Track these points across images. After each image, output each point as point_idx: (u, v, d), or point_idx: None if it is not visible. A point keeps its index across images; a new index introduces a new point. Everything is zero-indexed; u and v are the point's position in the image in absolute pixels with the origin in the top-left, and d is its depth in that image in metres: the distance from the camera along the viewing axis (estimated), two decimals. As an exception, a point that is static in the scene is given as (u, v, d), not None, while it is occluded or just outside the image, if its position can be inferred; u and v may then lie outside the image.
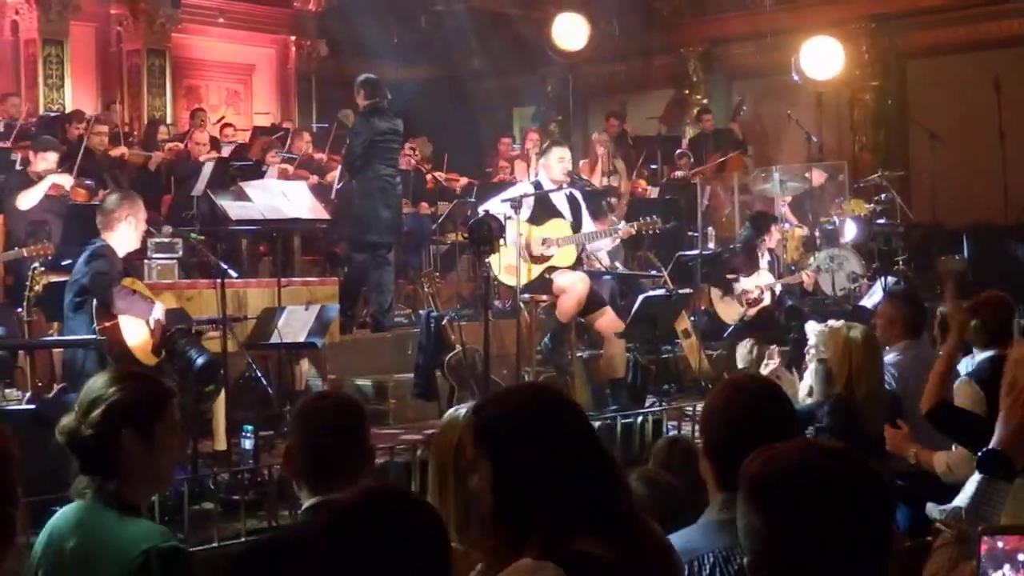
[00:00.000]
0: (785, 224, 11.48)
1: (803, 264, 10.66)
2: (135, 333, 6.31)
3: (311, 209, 9.02)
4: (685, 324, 8.90)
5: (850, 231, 11.51)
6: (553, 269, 7.68)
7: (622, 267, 10.25)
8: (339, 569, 1.69)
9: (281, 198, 8.79)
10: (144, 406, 2.65)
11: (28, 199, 8.57)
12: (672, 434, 6.81)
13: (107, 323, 6.22)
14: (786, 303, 9.43)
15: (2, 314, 7.46)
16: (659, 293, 8.66)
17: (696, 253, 10.39)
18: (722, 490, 2.63)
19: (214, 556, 4.93)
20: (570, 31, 13.10)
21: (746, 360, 6.96)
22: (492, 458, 2.28)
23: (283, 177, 10.68)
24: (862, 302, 10.26)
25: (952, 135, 12.61)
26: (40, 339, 6.80)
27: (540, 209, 7.70)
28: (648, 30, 14.99)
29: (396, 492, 1.90)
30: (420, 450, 5.79)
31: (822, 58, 12.82)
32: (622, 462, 3.67)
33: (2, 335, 6.84)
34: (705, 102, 15.05)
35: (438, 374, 7.58)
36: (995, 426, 3.57)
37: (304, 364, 7.78)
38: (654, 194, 12.77)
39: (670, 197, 12.43)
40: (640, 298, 8.15)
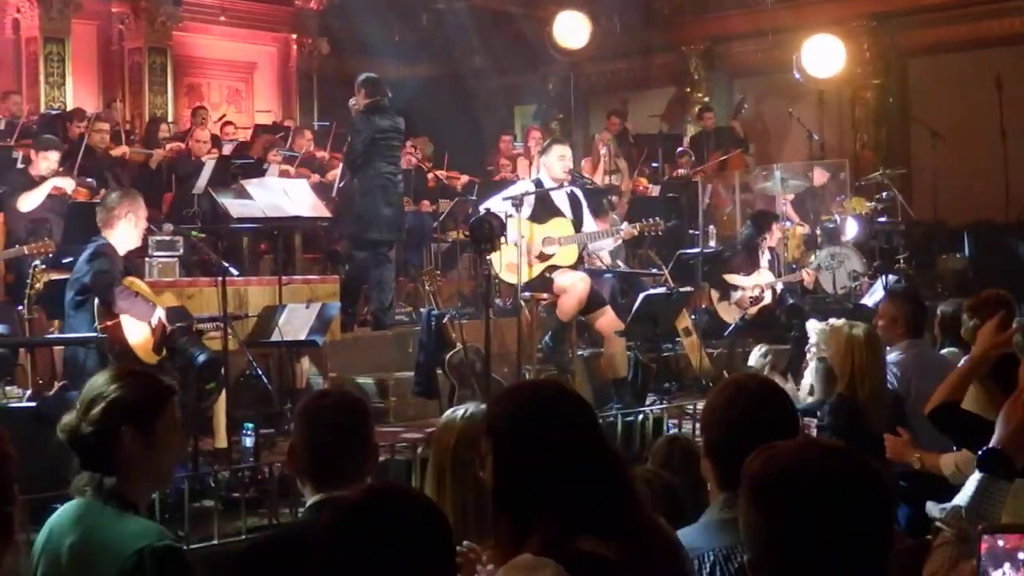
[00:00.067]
0: (787, 222, 11.47)
1: (804, 262, 10.66)
2: (136, 331, 6.31)
3: (312, 207, 9.02)
4: (686, 322, 8.89)
5: (851, 229, 11.50)
6: (554, 268, 7.67)
7: (623, 265, 10.24)
8: (343, 566, 1.69)
9: (282, 196, 8.79)
10: (144, 404, 2.65)
11: (29, 202, 8.55)
12: (672, 432, 6.80)
13: (109, 322, 6.22)
14: (787, 301, 9.43)
15: (3, 312, 7.46)
16: (660, 291, 8.66)
17: (697, 251, 10.39)
18: (723, 489, 2.63)
19: (215, 553, 4.93)
20: (571, 29, 13.09)
21: (759, 364, 6.94)
22: (495, 453, 2.29)
23: (284, 176, 10.66)
24: (863, 300, 10.25)
25: (953, 133, 12.60)
26: (41, 337, 6.82)
27: (541, 207, 7.69)
28: (649, 28, 14.97)
29: (399, 489, 1.90)
30: (421, 448, 5.79)
31: (823, 56, 12.80)
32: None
33: (3, 333, 6.83)
34: (707, 100, 15.03)
35: (439, 372, 7.58)
36: (995, 427, 3.57)
37: (305, 362, 7.78)
38: (655, 192, 12.76)
39: (671, 195, 12.42)
40: (641, 296, 8.15)
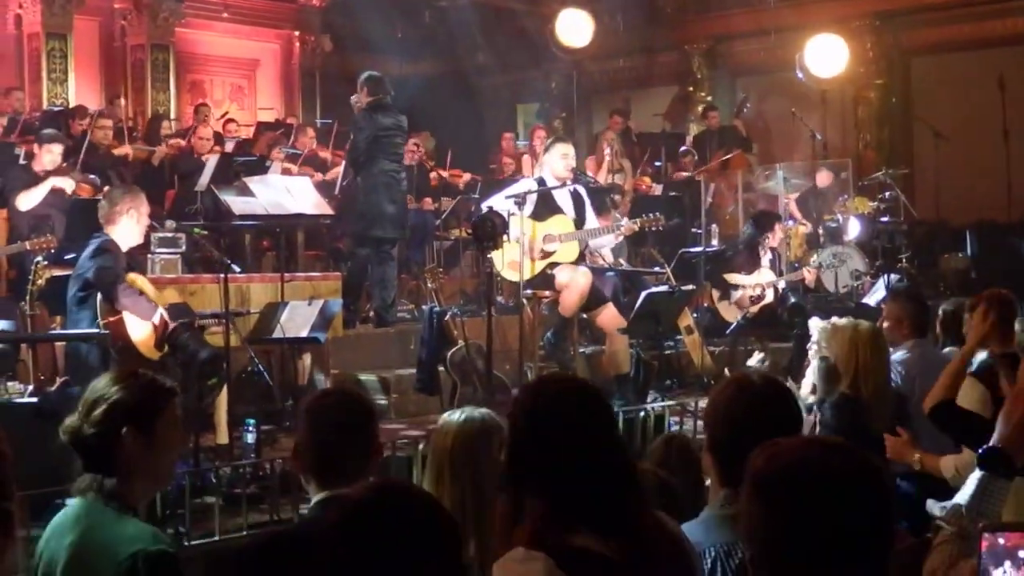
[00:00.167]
0: (789, 221, 11.47)
1: (806, 261, 10.65)
2: (139, 327, 6.31)
3: (315, 205, 9.02)
4: (688, 320, 8.89)
5: (854, 229, 11.49)
6: (555, 265, 7.67)
7: (626, 264, 10.24)
8: (349, 563, 1.69)
9: (285, 194, 8.79)
10: (146, 405, 2.65)
11: (28, 200, 8.55)
12: (673, 431, 6.81)
13: (111, 318, 6.22)
14: (789, 300, 9.42)
15: (5, 308, 7.46)
16: (662, 290, 8.66)
17: (699, 250, 10.39)
18: (724, 485, 2.63)
19: (216, 549, 4.94)
20: (574, 27, 13.08)
21: None
22: (511, 436, 2.33)
23: (287, 173, 10.66)
24: (865, 300, 10.25)
25: (956, 133, 12.59)
26: (43, 333, 6.82)
27: (543, 205, 7.68)
28: (652, 26, 14.98)
29: (403, 486, 1.89)
30: (422, 445, 5.79)
31: (826, 55, 12.78)
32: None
33: (5, 329, 6.83)
34: (709, 99, 15.03)
35: (441, 369, 7.59)
36: (996, 425, 3.57)
37: (307, 359, 7.78)
38: (658, 191, 12.76)
39: (674, 194, 12.42)
40: (643, 294, 8.14)
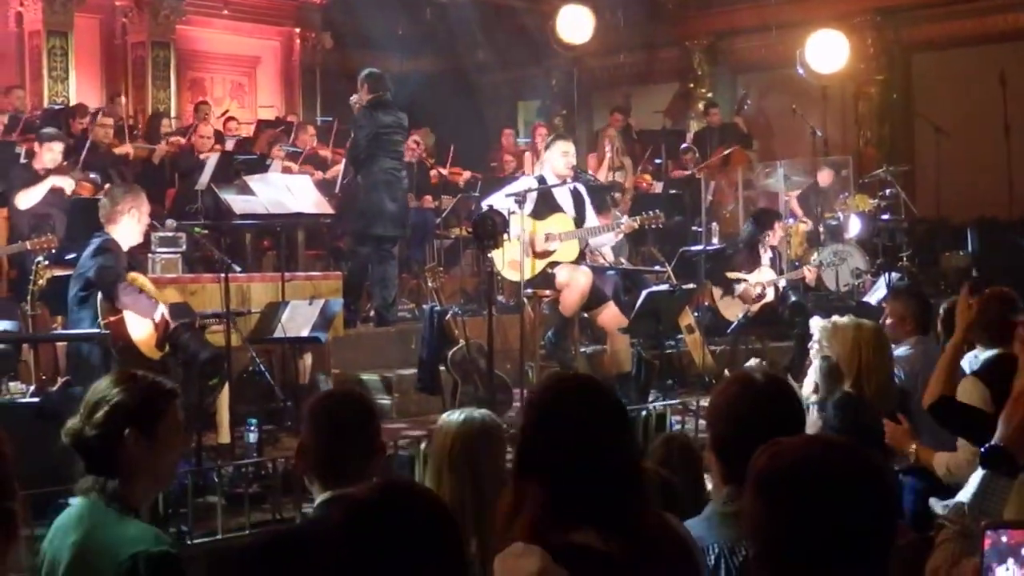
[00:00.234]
0: (789, 219, 11.46)
1: (807, 259, 10.65)
2: (140, 327, 6.31)
3: (315, 204, 9.02)
4: (688, 319, 8.88)
5: (854, 227, 11.49)
6: (556, 264, 7.67)
7: (626, 262, 10.23)
8: (353, 563, 1.69)
9: (285, 192, 8.78)
10: (147, 407, 2.66)
11: (27, 199, 8.55)
12: (675, 430, 6.81)
13: (112, 317, 6.21)
14: (789, 299, 9.42)
15: (6, 308, 7.46)
16: (663, 288, 8.64)
17: (700, 248, 10.38)
18: (727, 483, 2.63)
19: (218, 549, 4.94)
20: (575, 24, 13.07)
21: None
22: (523, 427, 2.35)
23: (287, 172, 10.65)
24: (865, 298, 10.24)
25: (957, 129, 12.57)
26: (44, 333, 6.82)
27: (543, 204, 7.67)
28: (653, 23, 14.97)
29: (407, 485, 1.90)
30: (424, 444, 5.79)
31: (827, 51, 12.77)
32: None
33: (7, 329, 6.82)
34: (710, 96, 15.02)
35: (441, 369, 7.58)
36: (997, 423, 3.57)
37: (308, 358, 7.78)
38: (658, 189, 12.76)
39: (674, 192, 12.41)
40: (644, 293, 8.13)
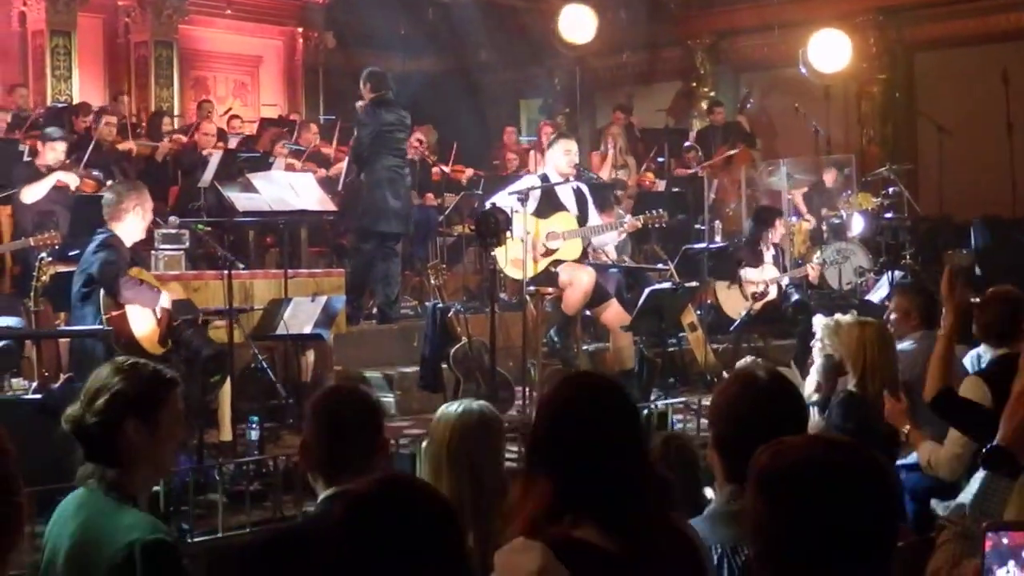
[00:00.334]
0: (792, 217, 11.45)
1: (810, 258, 10.64)
2: (142, 323, 6.32)
3: (318, 201, 9.02)
4: (691, 317, 8.88)
5: (857, 225, 11.48)
6: (559, 262, 7.67)
7: (629, 260, 10.23)
8: (354, 557, 1.69)
9: (288, 190, 8.79)
10: (148, 395, 2.66)
11: (32, 194, 8.56)
12: (675, 429, 6.82)
13: (114, 313, 6.22)
14: (792, 297, 9.41)
15: (10, 304, 7.47)
16: (665, 286, 8.64)
17: (703, 246, 10.38)
18: (730, 482, 2.63)
19: (219, 547, 4.94)
20: (577, 23, 13.05)
21: None
22: (535, 422, 2.38)
23: (290, 169, 10.66)
24: (868, 296, 10.24)
25: (960, 128, 12.57)
26: (47, 329, 6.82)
27: (545, 202, 7.67)
28: (655, 22, 14.95)
29: (408, 480, 1.90)
30: (425, 443, 5.78)
31: (830, 51, 12.76)
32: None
33: (11, 325, 6.83)
34: (712, 95, 15.00)
35: (444, 366, 7.58)
36: (998, 420, 3.57)
37: (310, 356, 7.78)
38: (661, 187, 12.75)
39: (677, 190, 12.40)
40: (646, 291, 8.13)
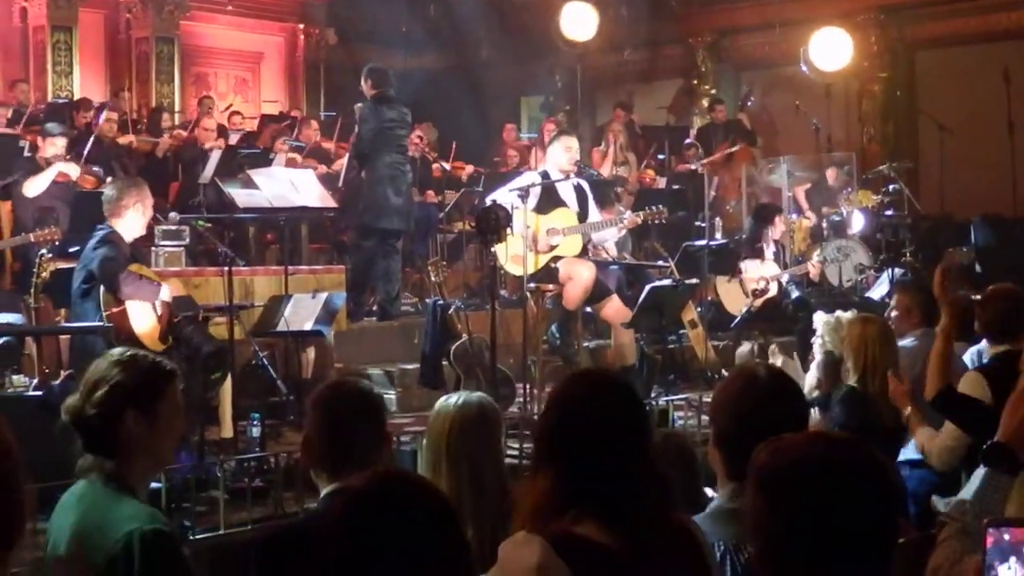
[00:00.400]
0: (792, 214, 11.45)
1: (810, 255, 10.64)
2: (142, 320, 6.32)
3: (319, 197, 9.02)
4: (692, 314, 8.87)
5: (858, 222, 11.48)
6: (559, 258, 7.66)
7: (629, 257, 10.22)
8: (353, 553, 1.69)
9: (289, 186, 8.79)
10: (147, 387, 2.67)
11: (34, 186, 8.58)
12: (675, 427, 6.83)
13: (115, 309, 6.22)
14: (792, 294, 9.41)
15: (10, 300, 7.47)
16: (666, 283, 8.64)
17: (703, 244, 10.38)
18: (731, 479, 2.63)
19: (220, 544, 4.94)
20: (578, 20, 13.03)
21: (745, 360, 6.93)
22: (542, 416, 2.39)
23: (291, 166, 10.66)
24: (868, 293, 10.25)
25: (961, 127, 12.57)
26: (47, 326, 6.82)
27: (546, 199, 7.67)
28: (657, 20, 14.93)
29: (406, 475, 1.90)
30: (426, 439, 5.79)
31: (831, 49, 12.75)
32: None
33: (11, 322, 6.83)
34: (713, 93, 15.00)
35: (444, 363, 7.58)
36: (998, 417, 3.56)
37: (311, 352, 7.78)
38: (661, 184, 12.75)
39: (677, 187, 12.41)
40: (647, 288, 8.12)
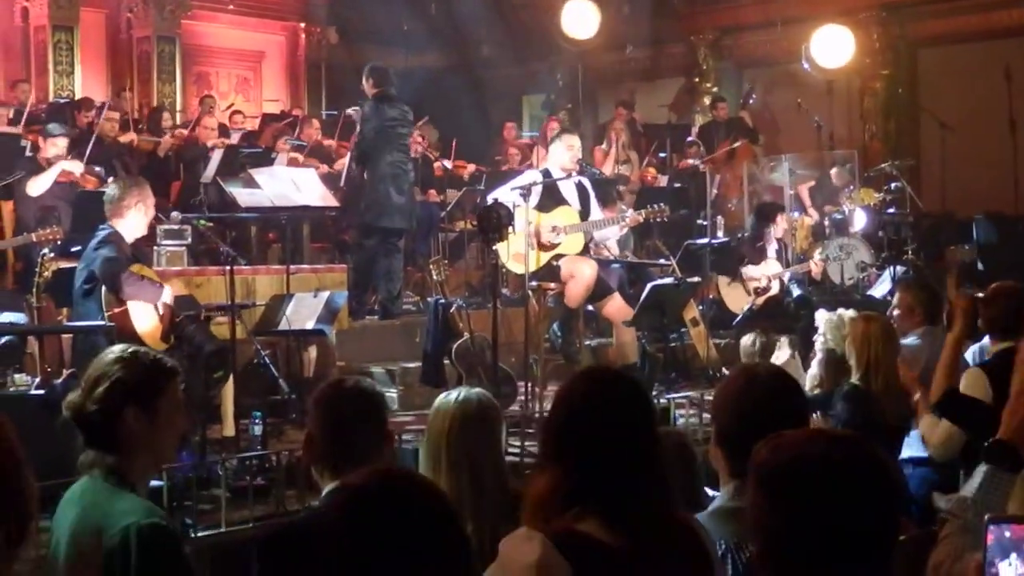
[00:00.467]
0: (794, 213, 11.45)
1: (812, 253, 10.64)
2: (144, 319, 6.33)
3: (321, 196, 9.02)
4: (693, 313, 8.87)
5: (859, 220, 11.47)
6: (561, 257, 7.66)
7: (631, 256, 10.23)
8: (354, 552, 1.70)
9: (290, 185, 8.79)
10: (148, 384, 2.68)
11: (38, 185, 8.59)
12: (677, 425, 6.82)
13: (116, 309, 6.23)
14: (794, 292, 9.41)
15: (12, 300, 7.47)
16: (667, 281, 8.64)
17: (705, 242, 10.38)
18: (733, 477, 2.64)
19: (222, 542, 4.94)
20: (580, 19, 13.03)
21: (749, 355, 6.90)
22: (550, 412, 2.39)
23: (293, 165, 10.67)
24: (870, 292, 10.24)
25: (962, 124, 12.56)
26: (49, 325, 6.82)
27: (547, 197, 7.66)
28: (658, 18, 14.93)
29: (405, 473, 1.90)
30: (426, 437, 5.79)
31: (833, 47, 12.75)
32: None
33: (14, 321, 6.83)
34: (715, 91, 14.99)
35: (446, 362, 7.58)
36: (999, 413, 3.57)
37: (312, 351, 7.79)
38: (663, 182, 12.75)
39: (679, 185, 12.41)
40: (648, 286, 8.13)
